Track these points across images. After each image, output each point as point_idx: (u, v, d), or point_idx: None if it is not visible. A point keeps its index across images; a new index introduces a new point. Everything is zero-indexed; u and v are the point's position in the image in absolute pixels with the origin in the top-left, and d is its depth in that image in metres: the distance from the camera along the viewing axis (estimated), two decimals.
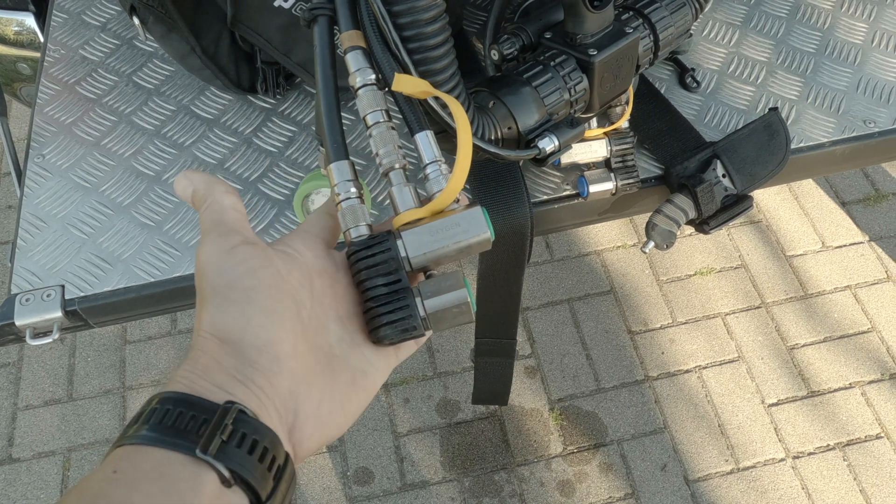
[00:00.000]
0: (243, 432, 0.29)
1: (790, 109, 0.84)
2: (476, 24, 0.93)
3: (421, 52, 0.48)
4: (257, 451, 0.29)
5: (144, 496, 0.27)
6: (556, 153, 0.63)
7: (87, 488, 0.27)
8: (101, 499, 0.26)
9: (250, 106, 0.86)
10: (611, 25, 0.66)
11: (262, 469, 0.29)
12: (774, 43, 0.90)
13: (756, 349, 1.60)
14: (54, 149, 0.83)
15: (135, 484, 0.27)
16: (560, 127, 0.63)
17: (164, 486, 0.27)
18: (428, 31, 0.47)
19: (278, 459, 0.30)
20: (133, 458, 0.28)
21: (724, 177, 0.75)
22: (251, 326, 0.33)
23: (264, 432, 0.30)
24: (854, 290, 1.68)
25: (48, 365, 1.62)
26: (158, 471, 0.27)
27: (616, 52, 0.65)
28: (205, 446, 0.28)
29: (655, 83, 0.86)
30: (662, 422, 1.51)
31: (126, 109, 0.87)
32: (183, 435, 0.28)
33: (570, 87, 0.64)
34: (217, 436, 0.28)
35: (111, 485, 0.27)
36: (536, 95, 0.63)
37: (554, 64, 0.64)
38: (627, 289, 1.69)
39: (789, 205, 1.83)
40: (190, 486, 0.27)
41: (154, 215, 0.77)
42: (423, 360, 1.59)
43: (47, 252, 0.75)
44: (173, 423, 0.29)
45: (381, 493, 1.44)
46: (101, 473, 0.28)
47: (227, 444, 0.29)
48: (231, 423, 0.29)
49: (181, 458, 0.28)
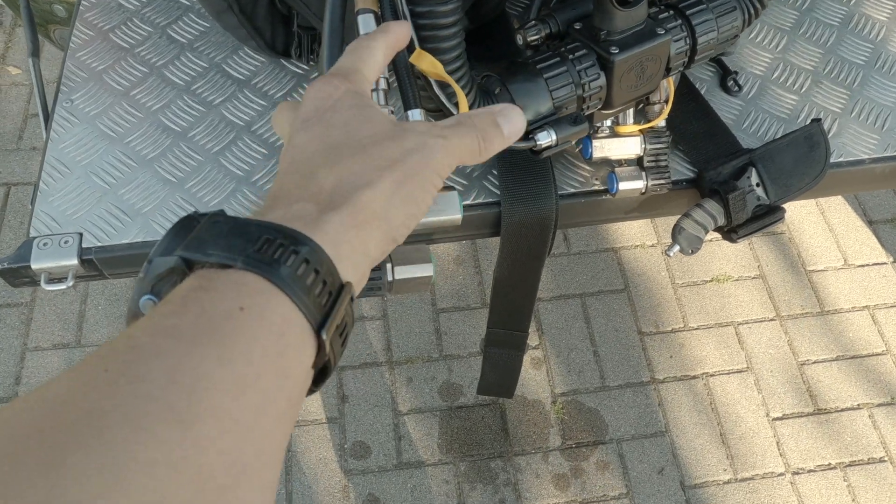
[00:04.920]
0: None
1: (833, 122, 0.81)
2: (519, 6, 0.90)
3: (430, 30, 0.49)
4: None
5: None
6: (553, 148, 0.62)
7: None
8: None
9: (283, 70, 0.85)
10: (643, 24, 0.63)
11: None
12: (823, 52, 0.88)
13: (766, 361, 1.58)
14: (83, 95, 0.83)
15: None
16: (562, 122, 0.61)
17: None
18: (440, 10, 0.49)
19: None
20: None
21: (757, 185, 0.73)
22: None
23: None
24: (872, 311, 1.65)
25: (59, 309, 1.63)
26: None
27: (640, 52, 0.62)
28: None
29: (696, 83, 0.83)
30: (664, 425, 1.51)
31: (158, 62, 0.86)
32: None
33: (584, 82, 0.62)
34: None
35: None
36: (545, 87, 0.61)
37: (572, 57, 0.62)
38: (642, 289, 1.68)
39: (814, 218, 1.80)
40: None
41: (177, 171, 0.76)
42: (430, 342, 1.59)
43: (68, 198, 0.74)
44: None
45: (376, 469, 1.44)
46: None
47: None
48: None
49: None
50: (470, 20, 0.80)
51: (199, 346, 0.24)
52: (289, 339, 0.27)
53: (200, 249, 0.27)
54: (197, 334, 0.24)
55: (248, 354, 0.25)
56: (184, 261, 0.27)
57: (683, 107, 0.78)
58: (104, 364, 0.23)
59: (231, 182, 0.76)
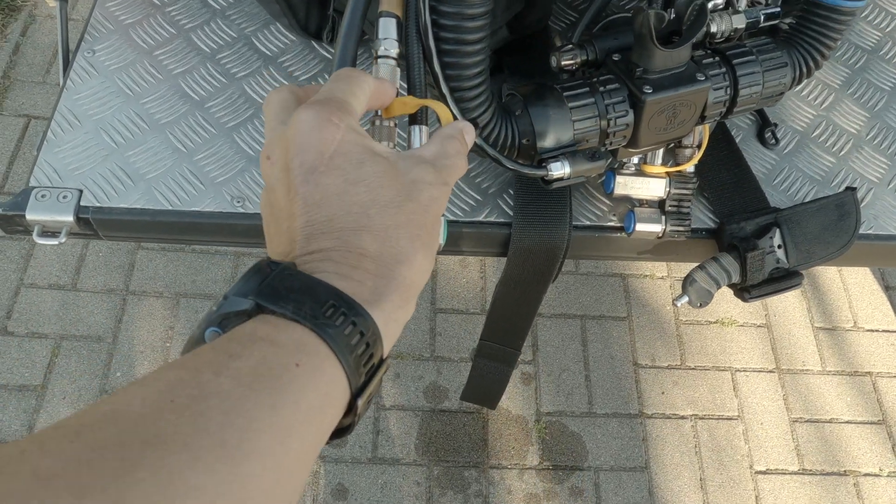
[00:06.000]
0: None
1: (868, 191, 0.78)
2: (563, 22, 0.88)
3: (454, 44, 0.49)
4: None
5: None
6: (564, 180, 0.60)
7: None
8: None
9: (311, 52, 0.82)
10: (683, 66, 0.60)
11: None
12: (869, 116, 0.84)
13: (758, 413, 1.56)
14: (106, 47, 0.81)
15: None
16: (579, 155, 0.59)
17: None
18: (466, 25, 0.48)
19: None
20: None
21: (779, 247, 0.70)
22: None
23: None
24: (875, 378, 1.62)
25: (60, 250, 1.62)
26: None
27: (675, 96, 0.59)
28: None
29: (731, 129, 0.80)
30: (645, 461, 1.48)
31: (187, 24, 0.84)
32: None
33: (610, 117, 0.60)
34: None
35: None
36: (568, 116, 0.59)
37: (603, 90, 0.59)
38: (644, 320, 1.65)
39: (830, 275, 1.76)
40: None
41: (188, 141, 0.74)
42: (423, 341, 1.57)
43: (74, 152, 0.73)
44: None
45: (349, 460, 1.43)
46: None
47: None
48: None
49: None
50: (511, 30, 0.77)
51: (255, 391, 0.27)
52: (331, 399, 0.30)
53: (273, 300, 0.30)
54: (255, 380, 0.27)
55: (297, 405, 0.28)
56: (257, 305, 0.30)
57: (715, 153, 0.75)
58: (172, 394, 0.26)
59: (241, 160, 0.74)
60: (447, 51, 0.49)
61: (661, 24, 0.57)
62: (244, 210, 0.70)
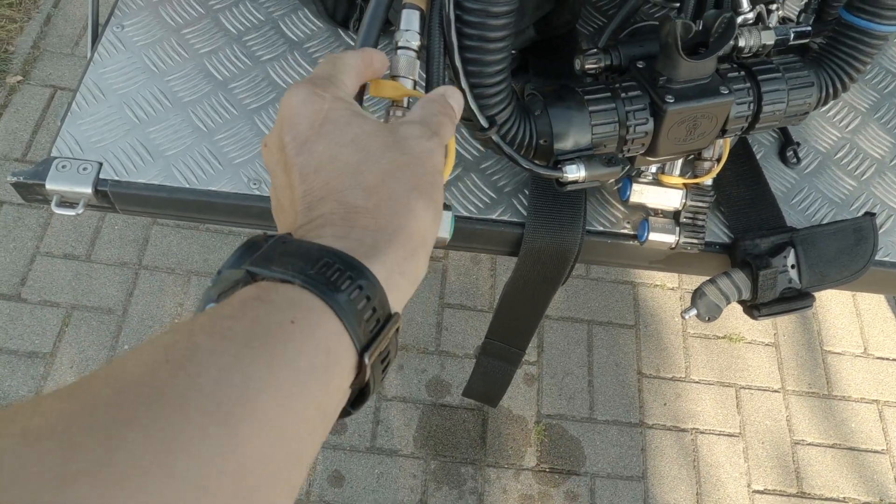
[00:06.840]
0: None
1: (887, 217, 0.77)
2: (591, 27, 0.87)
3: (477, 40, 0.49)
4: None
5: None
6: (579, 183, 0.60)
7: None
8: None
9: (338, 40, 0.83)
10: (708, 78, 0.59)
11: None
12: (895, 142, 0.83)
13: (759, 432, 1.55)
14: (135, 23, 0.81)
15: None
16: (595, 160, 0.59)
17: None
18: (490, 23, 0.48)
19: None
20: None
21: (792, 268, 0.69)
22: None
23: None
24: (881, 406, 1.60)
25: (77, 221, 1.64)
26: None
27: (696, 107, 0.59)
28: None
29: (753, 145, 0.80)
30: (642, 471, 1.48)
31: (216, 5, 0.84)
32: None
33: (630, 124, 0.59)
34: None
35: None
36: (587, 120, 0.59)
37: (625, 96, 0.59)
38: (651, 329, 1.64)
39: (843, 298, 1.74)
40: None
41: (209, 121, 0.75)
42: (430, 335, 1.58)
43: (97, 125, 0.73)
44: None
45: (348, 447, 1.44)
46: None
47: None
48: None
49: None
50: (538, 31, 0.77)
51: (250, 349, 0.26)
52: (333, 357, 0.29)
53: (264, 265, 0.30)
54: (250, 338, 0.26)
55: (295, 363, 0.27)
56: (249, 274, 0.30)
57: (735, 168, 0.75)
58: (166, 355, 0.25)
59: (260, 143, 0.74)
60: (469, 47, 0.49)
61: (687, 35, 0.56)
62: (260, 192, 0.71)
